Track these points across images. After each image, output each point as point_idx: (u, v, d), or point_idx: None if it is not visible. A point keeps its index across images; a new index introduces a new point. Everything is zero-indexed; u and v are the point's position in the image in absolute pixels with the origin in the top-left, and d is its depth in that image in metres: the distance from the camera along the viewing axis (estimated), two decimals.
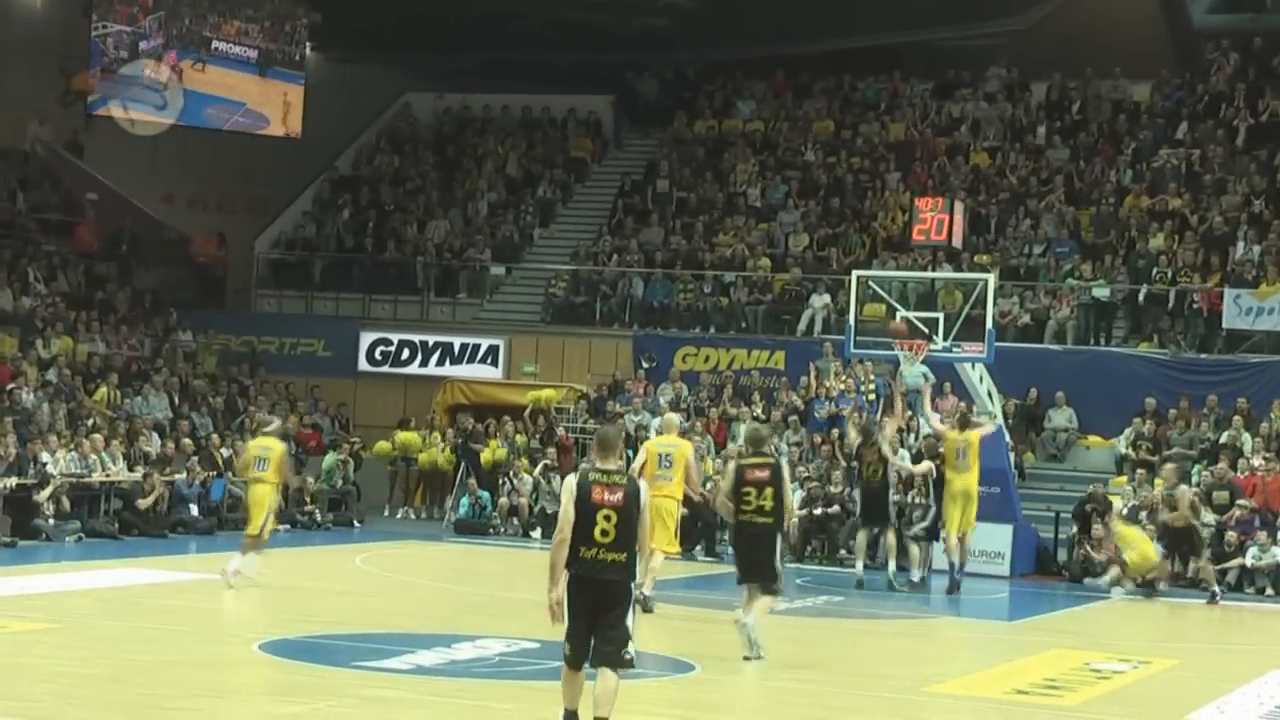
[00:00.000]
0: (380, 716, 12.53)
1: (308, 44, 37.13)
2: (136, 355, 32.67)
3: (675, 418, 21.03)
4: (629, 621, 10.95)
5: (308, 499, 29.28)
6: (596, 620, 10.86)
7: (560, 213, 38.55)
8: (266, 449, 20.19)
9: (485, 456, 30.51)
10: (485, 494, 29.83)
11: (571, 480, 11.08)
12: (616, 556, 10.85)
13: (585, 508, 10.87)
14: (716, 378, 32.05)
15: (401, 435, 32.15)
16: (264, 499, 20.00)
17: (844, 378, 30.19)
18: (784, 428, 29.46)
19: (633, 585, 11.11)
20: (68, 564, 22.11)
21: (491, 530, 29.29)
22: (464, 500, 30.10)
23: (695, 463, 20.17)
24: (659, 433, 20.85)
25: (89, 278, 35.09)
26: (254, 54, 35.88)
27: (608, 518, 10.83)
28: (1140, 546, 24.54)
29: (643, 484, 11.34)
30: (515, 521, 29.31)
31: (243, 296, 37.76)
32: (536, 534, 28.48)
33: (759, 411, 30.27)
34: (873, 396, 29.69)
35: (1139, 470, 27.72)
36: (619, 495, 10.92)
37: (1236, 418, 28.36)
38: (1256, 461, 27.30)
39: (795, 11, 36.95)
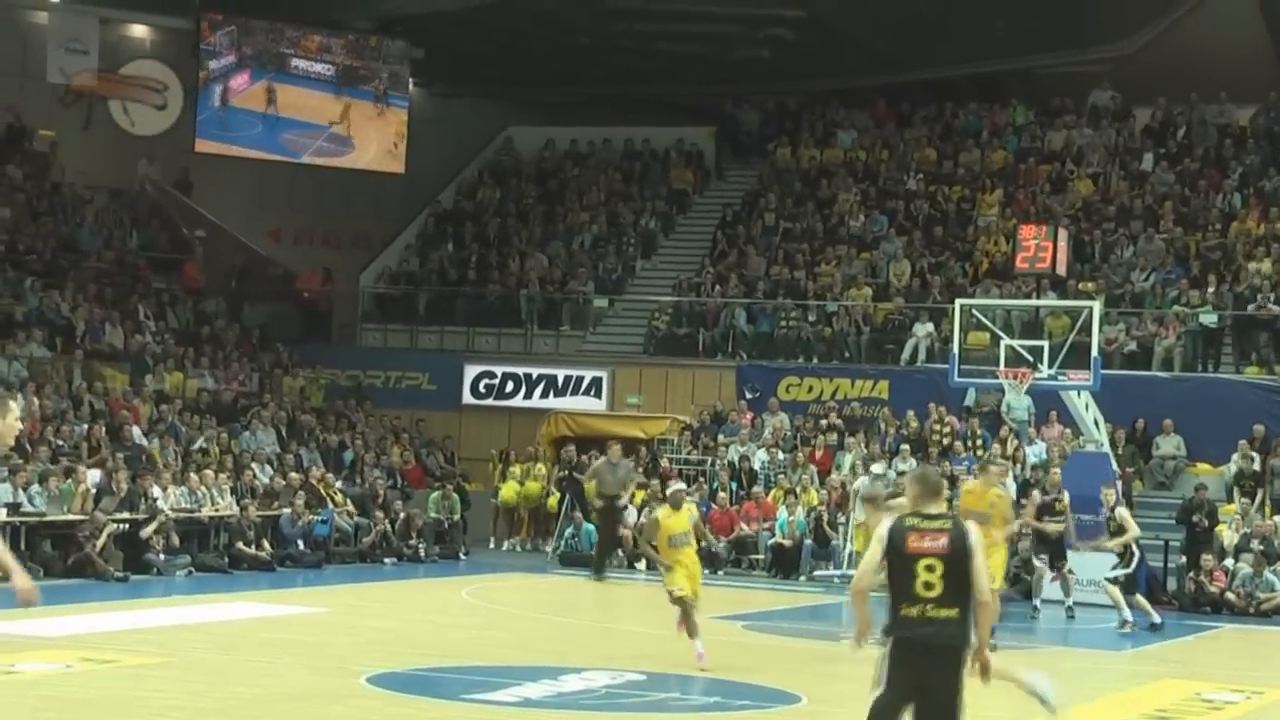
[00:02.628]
0: None
1: (410, 79, 37.48)
2: (245, 390, 33.03)
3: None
4: (960, 699, 9.39)
5: (414, 533, 29.43)
6: (924, 693, 9.33)
7: (662, 244, 38.63)
8: None
9: (589, 489, 30.57)
10: (589, 527, 29.83)
11: (883, 528, 9.55)
12: (948, 613, 9.29)
13: (900, 559, 9.38)
14: (820, 408, 31.95)
15: (527, 486, 32.01)
16: None
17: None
18: (892, 457, 29.32)
19: (969, 650, 9.44)
20: (178, 598, 22.37)
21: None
22: (568, 531, 30.16)
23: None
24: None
25: (197, 314, 35.54)
26: (370, 86, 36.34)
27: (930, 568, 9.31)
28: None
29: (971, 525, 9.64)
30: (620, 553, 29.32)
31: (348, 331, 38.10)
32: (641, 565, 28.50)
33: (862, 442, 30.13)
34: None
35: (1245, 499, 27.40)
36: (942, 542, 9.37)
37: None
38: None
39: (896, 41, 36.88)
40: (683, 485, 18.96)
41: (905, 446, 29.54)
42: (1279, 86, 36.34)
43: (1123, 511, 23.04)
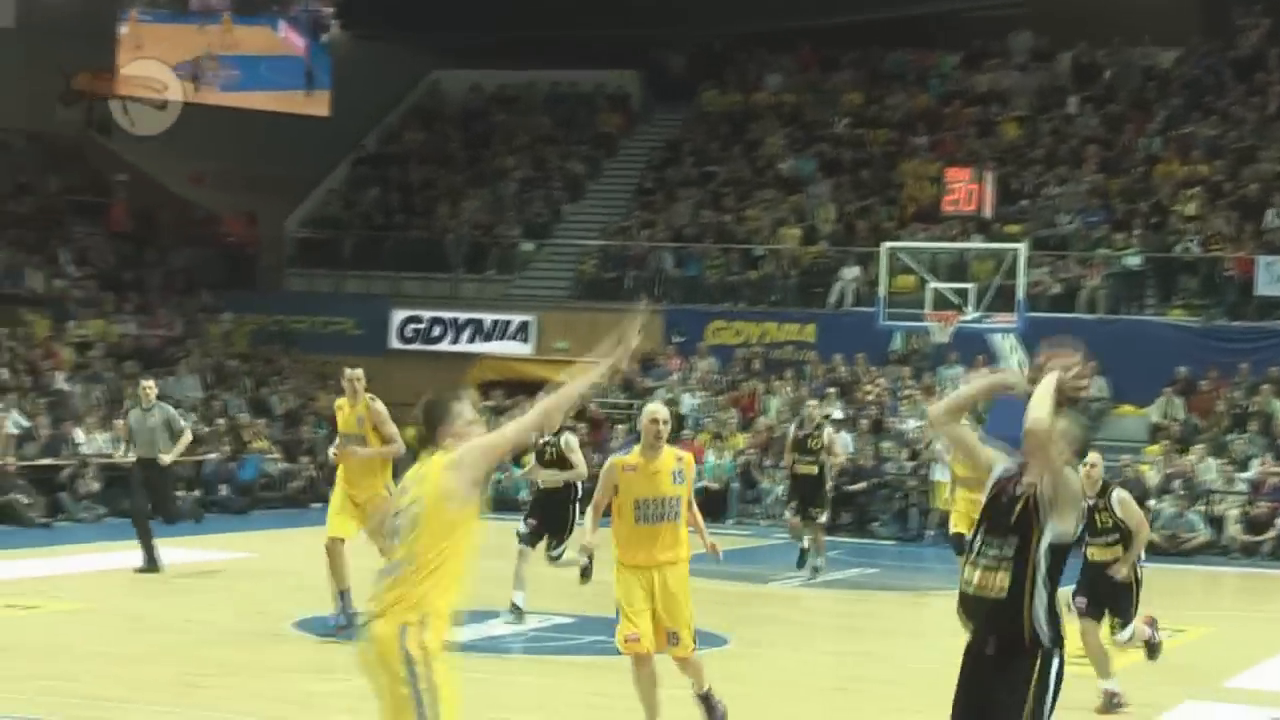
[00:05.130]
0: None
1: (333, 20, 37.09)
2: (169, 336, 32.76)
3: None
4: None
5: None
6: None
7: (589, 188, 38.51)
8: None
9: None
10: (516, 468, 29.78)
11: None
12: None
13: None
14: (747, 352, 32.01)
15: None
16: None
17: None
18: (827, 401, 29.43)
19: None
20: (101, 544, 22.19)
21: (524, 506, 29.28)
22: (498, 476, 30.11)
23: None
24: None
25: (120, 259, 35.19)
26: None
27: None
28: None
29: None
30: None
31: (273, 275, 37.83)
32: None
33: (790, 387, 30.20)
34: None
35: (1166, 440, 27.67)
36: None
37: (1267, 385, 28.26)
38: None
39: None
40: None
41: (832, 390, 29.64)
42: (1202, 30, 36.55)
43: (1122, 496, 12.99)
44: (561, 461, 16.03)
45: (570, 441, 16.12)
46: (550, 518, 16.25)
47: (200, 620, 15.62)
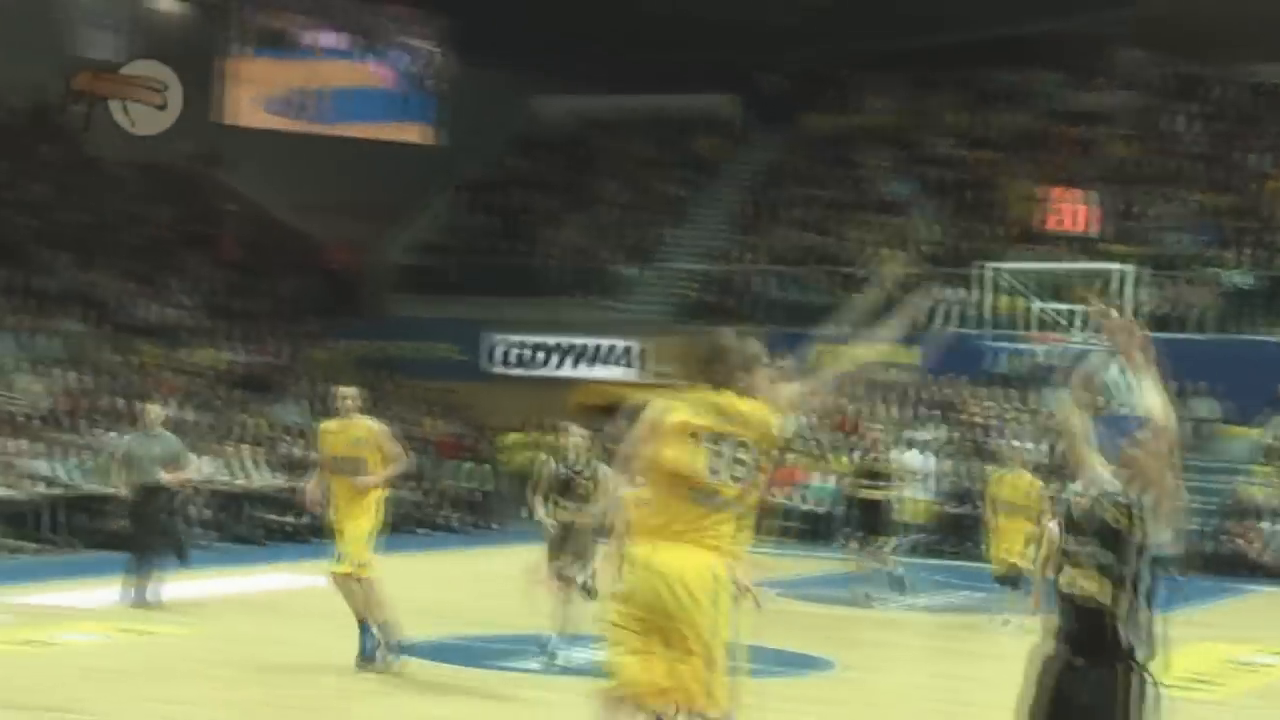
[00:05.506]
0: (523, 716, 12.60)
1: (438, 49, 37.45)
2: (275, 363, 33.11)
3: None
4: None
5: (446, 503, 29.50)
6: None
7: (691, 212, 38.56)
8: None
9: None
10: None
11: None
12: None
13: None
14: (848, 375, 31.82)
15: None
16: None
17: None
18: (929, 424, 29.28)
19: None
20: (212, 569, 22.42)
21: None
22: None
23: None
24: None
25: (228, 288, 35.63)
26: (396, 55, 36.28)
27: None
28: None
29: None
30: None
31: (377, 302, 38.15)
32: None
33: (892, 409, 30.05)
34: None
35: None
36: None
37: None
38: None
39: (925, 4, 36.67)
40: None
41: (935, 413, 29.50)
42: None
43: None
44: (588, 497, 14.63)
45: (607, 474, 14.80)
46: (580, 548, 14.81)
47: (308, 645, 15.74)
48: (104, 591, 18.20)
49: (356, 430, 14.21)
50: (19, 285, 30.64)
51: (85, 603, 17.71)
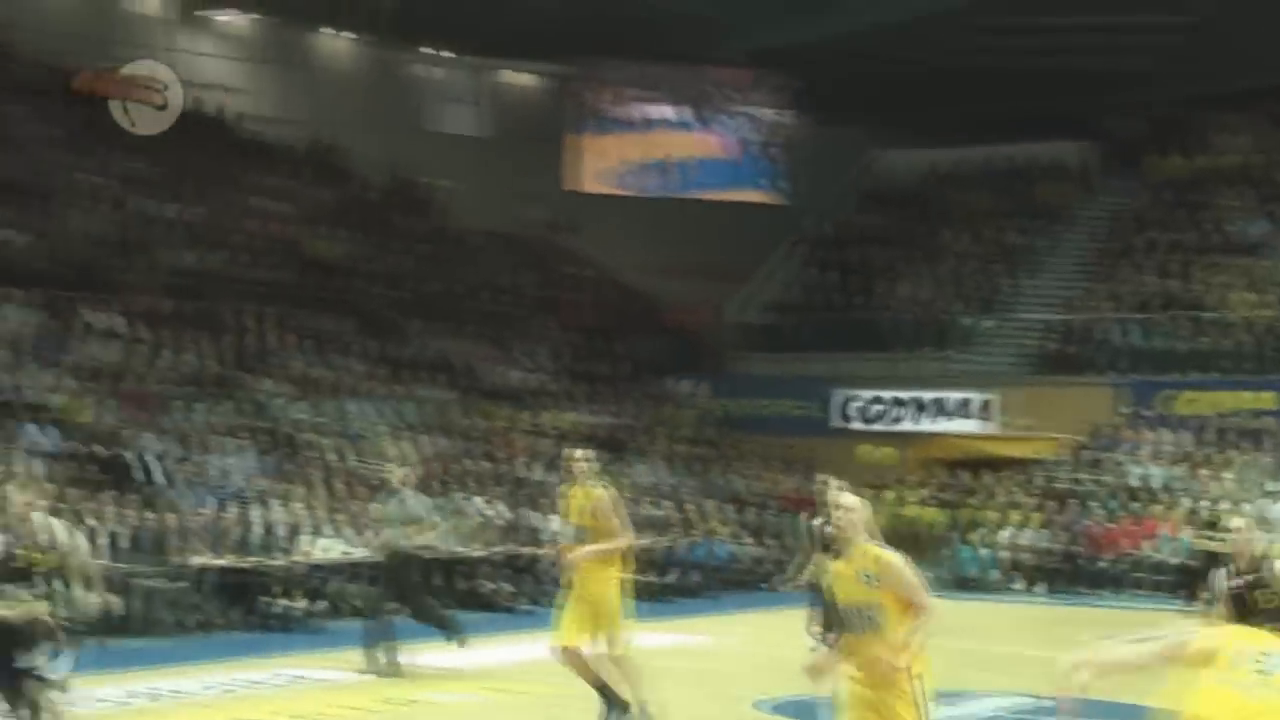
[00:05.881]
0: None
1: (782, 109, 37.86)
2: (628, 423, 33.67)
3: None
4: None
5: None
6: None
7: (1037, 261, 38.04)
8: None
9: (969, 513, 30.34)
10: (986, 551, 29.50)
11: None
12: None
13: None
14: (1204, 421, 30.99)
15: (907, 510, 31.82)
16: None
17: None
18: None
19: None
20: None
21: (994, 585, 29.00)
22: (965, 553, 29.83)
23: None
24: None
25: (580, 351, 36.43)
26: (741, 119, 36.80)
27: None
28: None
29: None
30: (1019, 576, 29.02)
31: (725, 361, 38.53)
32: (1041, 588, 28.23)
33: (1253, 457, 29.13)
34: None
35: None
36: None
37: None
38: None
39: (1276, 41, 35.59)
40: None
41: None
42: None
43: None
44: None
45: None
46: None
47: (670, 701, 15.94)
48: (479, 651, 18.65)
49: (586, 498, 13.58)
50: (381, 354, 31.84)
51: (455, 662, 18.14)
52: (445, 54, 39.16)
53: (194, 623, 21.33)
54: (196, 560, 21.78)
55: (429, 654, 17.85)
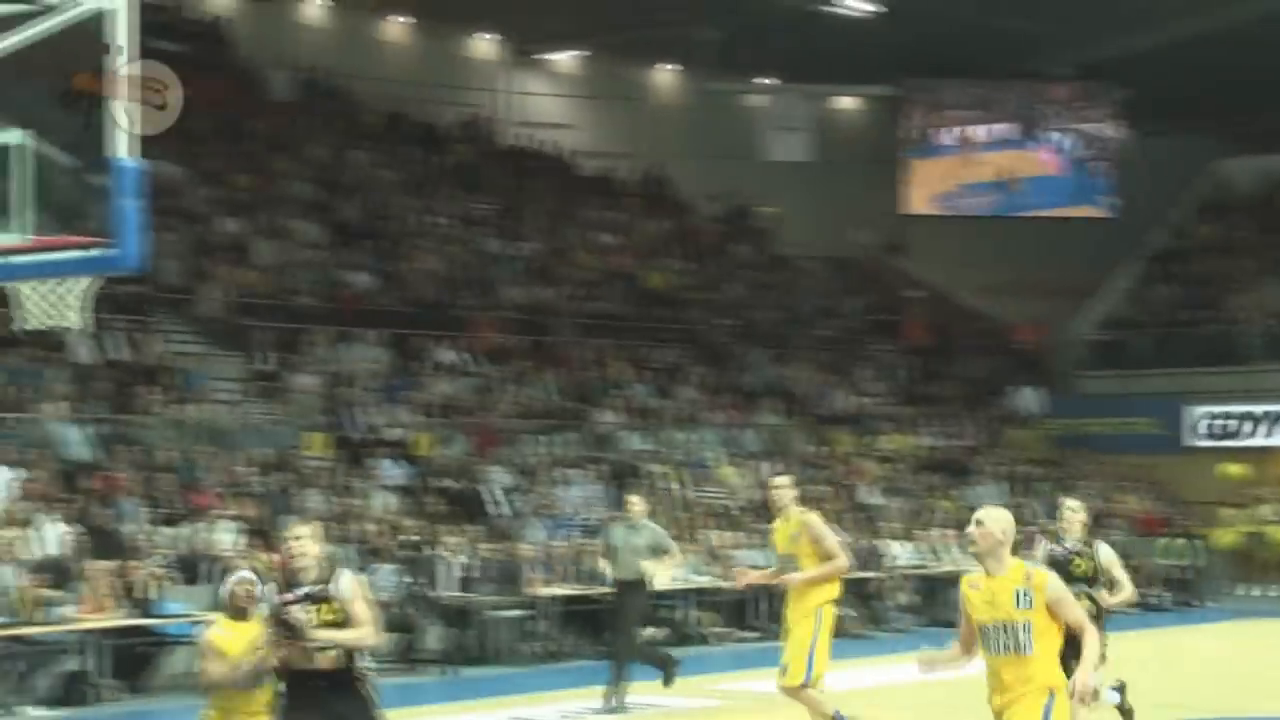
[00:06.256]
0: None
1: (1117, 122, 37.14)
2: (968, 445, 33.33)
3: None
4: None
5: (1148, 581, 28.87)
6: None
7: None
8: None
9: None
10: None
11: None
12: None
13: None
14: None
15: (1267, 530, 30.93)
16: None
17: None
18: None
19: None
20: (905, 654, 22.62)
21: None
22: None
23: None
24: None
25: (917, 373, 36.19)
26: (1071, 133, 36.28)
27: None
28: None
29: None
30: None
31: (1067, 379, 37.86)
32: None
33: None
34: None
35: None
36: None
37: None
38: None
39: None
40: None
41: None
42: None
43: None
44: (1088, 580, 12.63)
45: (1110, 556, 13.01)
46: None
47: None
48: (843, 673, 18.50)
49: (791, 525, 13.02)
50: (720, 382, 32.09)
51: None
52: (772, 81, 39.38)
53: (542, 650, 21.74)
54: (544, 591, 22.21)
55: (759, 681, 17.85)
